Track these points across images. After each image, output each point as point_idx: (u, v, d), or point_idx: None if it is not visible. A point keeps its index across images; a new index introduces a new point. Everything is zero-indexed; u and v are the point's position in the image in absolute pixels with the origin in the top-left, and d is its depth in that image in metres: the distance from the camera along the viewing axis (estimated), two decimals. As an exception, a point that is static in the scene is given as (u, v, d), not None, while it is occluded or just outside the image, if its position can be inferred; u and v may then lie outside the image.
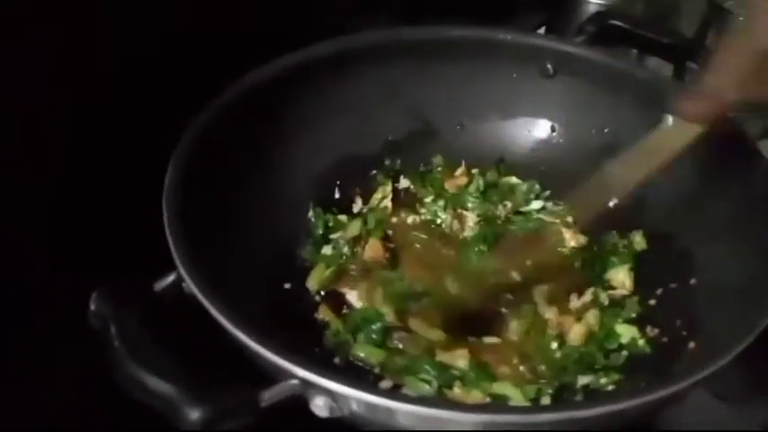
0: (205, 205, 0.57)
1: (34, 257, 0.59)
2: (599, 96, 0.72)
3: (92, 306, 0.48)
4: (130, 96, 0.61)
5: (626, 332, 0.61)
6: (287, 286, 0.65)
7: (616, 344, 0.61)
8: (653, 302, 0.63)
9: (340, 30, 0.72)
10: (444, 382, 0.57)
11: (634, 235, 0.68)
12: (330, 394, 0.44)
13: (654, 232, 0.68)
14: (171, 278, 0.51)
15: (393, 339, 0.60)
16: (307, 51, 0.70)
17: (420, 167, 0.76)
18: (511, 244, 0.70)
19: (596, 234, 0.69)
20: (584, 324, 0.62)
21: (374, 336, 0.60)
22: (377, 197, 0.73)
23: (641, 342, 0.60)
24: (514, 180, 0.75)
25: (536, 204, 0.73)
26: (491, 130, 0.76)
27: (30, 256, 0.59)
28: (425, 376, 0.57)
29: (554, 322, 0.62)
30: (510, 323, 0.62)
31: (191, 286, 0.49)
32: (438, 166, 0.76)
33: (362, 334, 0.60)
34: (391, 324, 0.61)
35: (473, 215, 0.72)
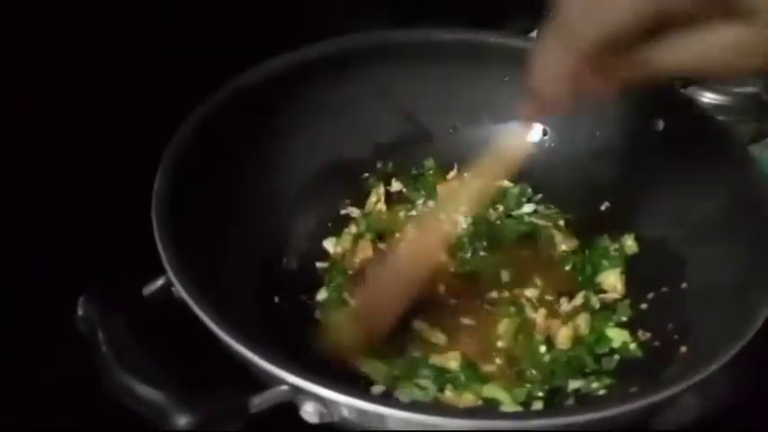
0: (195, 208, 0.57)
1: (33, 258, 0.59)
2: (590, 100, 0.72)
3: (79, 311, 0.48)
4: (122, 98, 0.60)
5: (617, 336, 0.61)
6: (277, 291, 0.64)
7: (607, 348, 0.61)
8: (644, 306, 0.63)
9: (336, 31, 0.72)
10: (439, 386, 0.57)
11: (625, 239, 0.68)
12: (320, 400, 0.44)
13: (645, 236, 0.67)
14: (160, 282, 0.51)
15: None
16: (298, 53, 0.70)
17: (412, 170, 0.76)
18: (502, 246, 0.70)
19: (588, 237, 0.69)
20: (571, 327, 0.61)
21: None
22: (371, 201, 0.73)
23: (633, 346, 0.60)
24: (506, 183, 0.75)
25: (528, 208, 0.73)
26: (483, 134, 0.76)
27: (29, 257, 0.59)
28: (422, 381, 0.57)
29: (542, 325, 0.62)
30: (498, 325, 0.62)
31: (180, 291, 0.48)
32: (430, 169, 0.75)
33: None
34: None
35: (465, 218, 0.72)
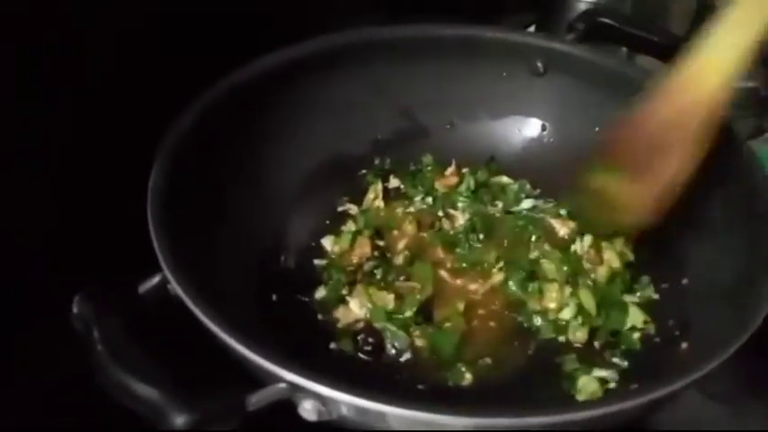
0: (190, 205, 0.57)
1: (30, 257, 0.59)
2: (589, 94, 0.72)
3: (74, 309, 0.48)
4: (117, 96, 0.60)
5: (635, 317, 0.61)
6: (274, 288, 0.64)
7: (623, 323, 0.61)
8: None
9: (335, 28, 0.72)
10: None
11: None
12: (319, 398, 0.43)
13: (646, 233, 0.67)
14: (155, 280, 0.50)
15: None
16: (294, 49, 0.69)
17: (410, 167, 0.75)
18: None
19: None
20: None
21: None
22: (369, 198, 0.73)
23: (635, 336, 0.60)
24: (505, 179, 0.74)
25: (527, 203, 0.73)
26: (481, 129, 0.76)
27: (25, 256, 0.58)
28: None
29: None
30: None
31: (176, 288, 0.48)
32: (428, 166, 0.75)
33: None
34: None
35: (464, 214, 0.71)
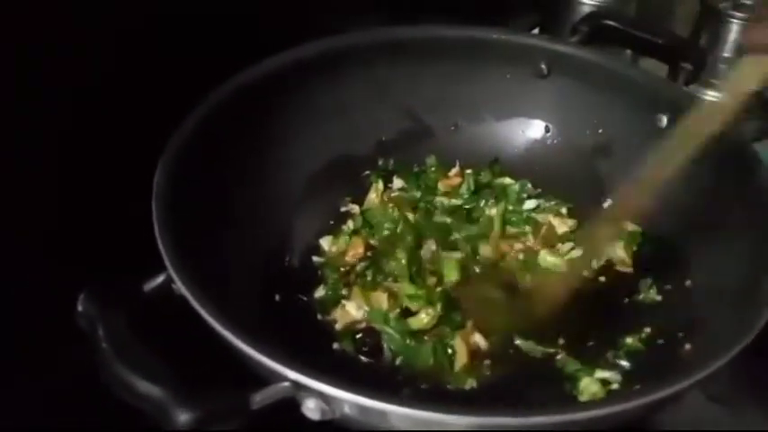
0: (195, 205, 0.57)
1: (34, 255, 0.59)
2: (593, 97, 0.72)
3: (79, 307, 0.48)
4: (120, 97, 0.60)
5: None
6: (278, 288, 0.64)
7: None
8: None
9: (337, 29, 0.72)
10: None
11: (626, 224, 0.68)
12: (322, 396, 0.43)
13: (648, 234, 0.67)
14: (160, 279, 0.50)
15: None
16: (298, 50, 0.69)
17: (414, 168, 0.75)
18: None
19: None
20: None
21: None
22: (370, 198, 0.73)
23: (633, 340, 0.60)
24: (507, 180, 0.74)
25: (530, 204, 0.73)
26: (485, 131, 0.76)
27: (29, 254, 0.58)
28: None
29: None
30: None
31: (180, 287, 0.48)
32: (432, 167, 0.75)
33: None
34: None
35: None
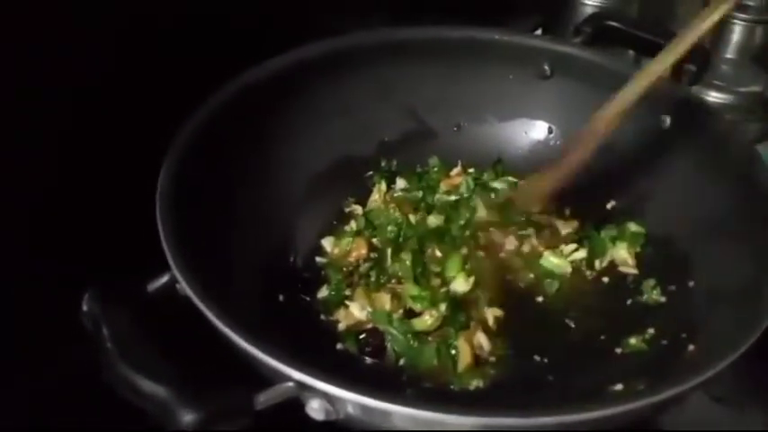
0: (199, 205, 0.57)
1: (33, 257, 0.59)
2: (596, 97, 0.71)
3: (84, 307, 0.48)
4: (123, 96, 0.60)
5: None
6: (282, 288, 0.64)
7: None
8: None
9: (337, 30, 0.72)
10: None
11: (629, 225, 0.68)
12: (326, 397, 0.43)
13: (651, 235, 0.67)
14: (164, 279, 0.50)
15: None
16: (301, 51, 0.69)
17: (417, 168, 0.75)
18: None
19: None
20: None
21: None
22: (373, 198, 0.73)
23: (637, 341, 0.60)
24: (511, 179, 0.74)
25: None
26: (488, 132, 0.76)
27: (29, 256, 0.58)
28: None
29: None
30: None
31: (185, 287, 0.48)
32: (434, 167, 0.75)
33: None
34: None
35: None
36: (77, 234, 0.60)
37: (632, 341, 0.60)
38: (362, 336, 0.61)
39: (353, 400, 0.43)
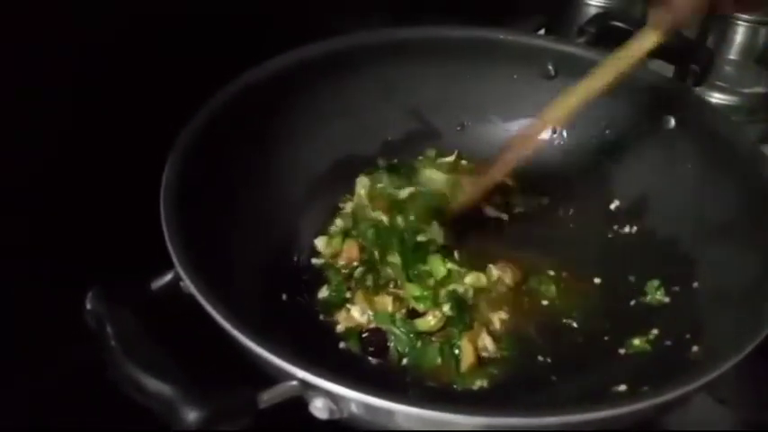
0: (203, 204, 0.57)
1: (34, 256, 0.59)
2: (599, 98, 0.71)
3: (88, 305, 0.48)
4: (127, 94, 0.60)
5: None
6: (285, 287, 0.64)
7: None
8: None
9: (338, 30, 0.72)
10: None
11: None
12: (330, 396, 0.43)
13: (655, 235, 0.67)
14: (168, 277, 0.50)
15: None
16: (303, 51, 0.69)
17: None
18: None
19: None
20: None
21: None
22: (359, 194, 0.72)
23: (640, 341, 0.60)
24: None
25: None
26: (492, 132, 0.76)
27: (29, 256, 0.58)
28: None
29: None
30: None
31: (189, 285, 0.48)
32: (427, 157, 0.75)
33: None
34: None
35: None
36: (77, 234, 0.60)
37: (636, 342, 0.60)
38: (365, 335, 0.61)
39: (358, 399, 0.43)
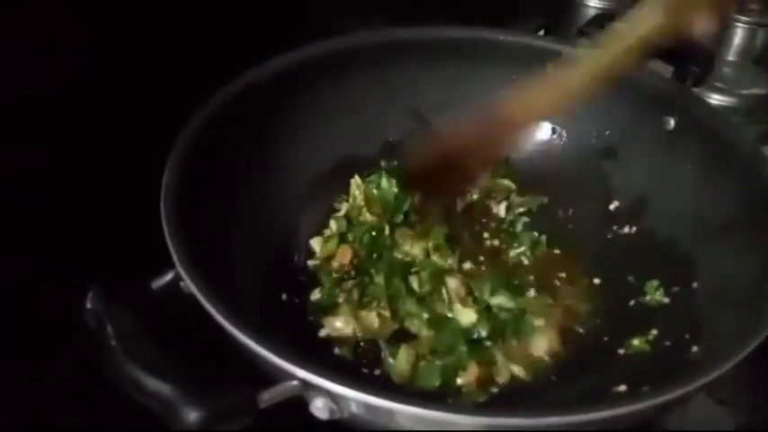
0: (203, 204, 0.57)
1: (34, 256, 0.59)
2: (600, 98, 0.71)
3: (88, 305, 0.48)
4: (127, 94, 0.60)
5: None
6: (286, 288, 0.64)
7: None
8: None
9: (339, 30, 0.72)
10: None
11: None
12: (330, 396, 0.43)
13: (655, 236, 0.67)
14: (168, 277, 0.50)
15: None
16: (304, 51, 0.69)
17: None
18: None
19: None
20: None
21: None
22: (354, 195, 0.72)
23: (640, 342, 0.60)
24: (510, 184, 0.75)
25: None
26: (491, 132, 0.76)
27: (29, 256, 0.58)
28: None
29: None
30: None
31: (189, 285, 0.48)
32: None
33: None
34: None
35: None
36: (77, 234, 0.60)
37: (635, 342, 0.60)
38: (359, 348, 0.61)
39: (358, 399, 0.43)
